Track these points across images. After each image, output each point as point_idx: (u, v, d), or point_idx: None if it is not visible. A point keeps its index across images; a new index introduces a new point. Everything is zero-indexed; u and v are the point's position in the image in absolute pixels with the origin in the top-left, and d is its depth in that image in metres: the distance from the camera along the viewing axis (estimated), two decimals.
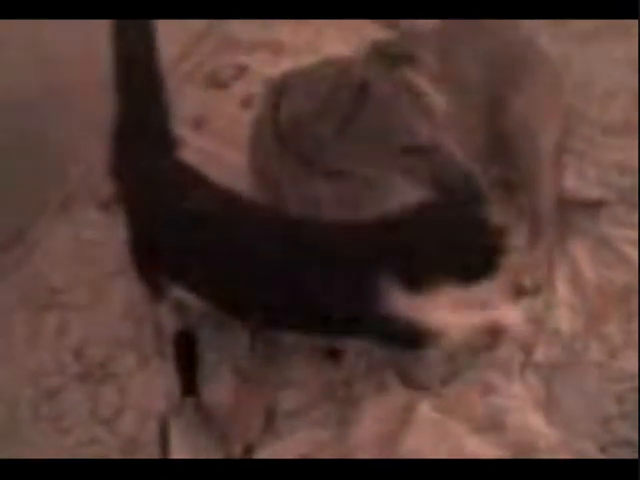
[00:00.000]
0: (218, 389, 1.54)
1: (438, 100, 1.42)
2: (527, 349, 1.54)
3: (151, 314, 1.63)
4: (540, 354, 1.53)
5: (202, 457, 1.43)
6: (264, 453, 1.46)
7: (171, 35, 2.03)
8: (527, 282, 1.60)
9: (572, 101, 1.82)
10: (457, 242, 1.33)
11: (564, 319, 1.56)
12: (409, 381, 1.51)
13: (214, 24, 2.18)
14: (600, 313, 1.56)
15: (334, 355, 1.53)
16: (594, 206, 1.70)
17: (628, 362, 1.49)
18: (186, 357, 1.57)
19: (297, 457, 1.43)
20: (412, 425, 1.44)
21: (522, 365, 1.52)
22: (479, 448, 1.41)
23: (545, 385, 1.49)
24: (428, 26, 1.79)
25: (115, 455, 1.49)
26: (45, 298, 1.73)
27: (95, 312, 1.69)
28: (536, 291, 1.60)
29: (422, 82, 1.42)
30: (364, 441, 1.43)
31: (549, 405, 1.46)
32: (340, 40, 2.05)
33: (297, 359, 1.55)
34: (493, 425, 1.44)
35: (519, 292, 1.60)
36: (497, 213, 1.37)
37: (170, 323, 1.59)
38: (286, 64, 1.37)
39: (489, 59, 1.63)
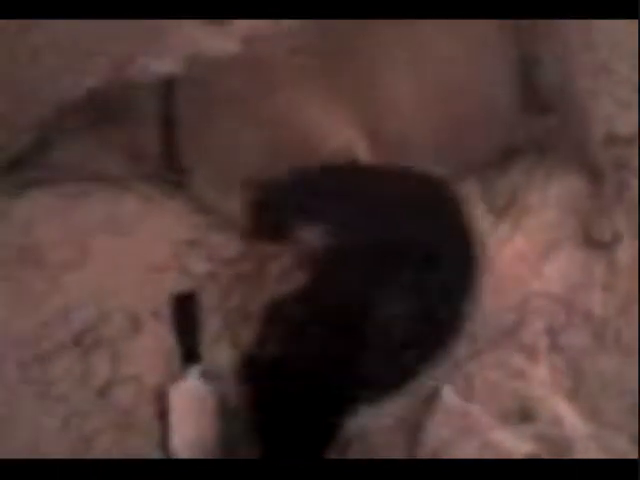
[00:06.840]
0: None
1: None
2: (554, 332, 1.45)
3: None
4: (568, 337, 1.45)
5: (204, 434, 1.35)
6: None
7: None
8: (604, 233, 1.52)
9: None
10: None
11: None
12: None
13: None
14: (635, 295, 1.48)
15: None
16: None
17: None
18: (188, 320, 1.48)
19: None
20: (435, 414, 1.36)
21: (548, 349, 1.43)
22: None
23: (572, 371, 1.42)
24: None
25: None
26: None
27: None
28: (617, 240, 1.52)
29: None
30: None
31: (577, 394, 1.40)
32: None
33: None
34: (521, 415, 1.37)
35: (596, 245, 1.52)
36: None
37: None
38: None
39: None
